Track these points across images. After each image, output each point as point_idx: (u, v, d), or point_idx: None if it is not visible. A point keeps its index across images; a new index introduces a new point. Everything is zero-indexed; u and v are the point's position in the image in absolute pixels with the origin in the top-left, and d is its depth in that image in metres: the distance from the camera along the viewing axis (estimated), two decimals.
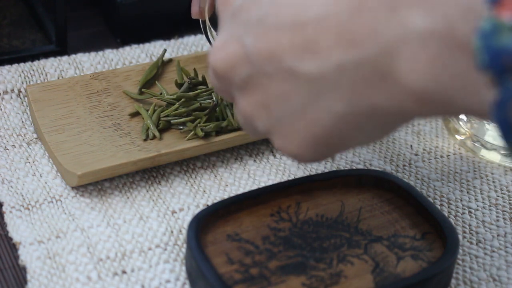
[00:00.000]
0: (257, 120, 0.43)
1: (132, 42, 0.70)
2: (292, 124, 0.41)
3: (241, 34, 0.41)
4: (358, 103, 0.39)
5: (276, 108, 0.41)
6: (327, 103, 0.39)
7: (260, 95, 0.42)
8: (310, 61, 0.39)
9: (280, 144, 0.43)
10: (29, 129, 0.61)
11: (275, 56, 0.40)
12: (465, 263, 0.53)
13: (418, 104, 0.37)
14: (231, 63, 0.42)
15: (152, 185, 0.57)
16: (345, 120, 0.40)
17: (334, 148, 0.42)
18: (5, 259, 0.52)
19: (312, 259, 0.49)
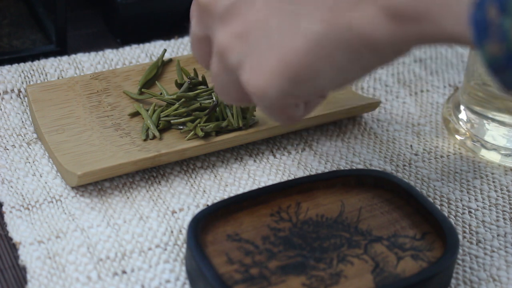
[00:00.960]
0: (231, 52, 0.42)
1: (132, 42, 0.70)
2: (265, 52, 0.40)
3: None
4: (337, 23, 0.38)
5: (253, 36, 0.41)
6: (305, 24, 0.39)
7: (239, 23, 0.41)
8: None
9: (248, 77, 0.41)
10: (29, 129, 0.61)
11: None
12: (465, 263, 0.53)
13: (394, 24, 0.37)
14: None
15: (152, 185, 0.57)
16: (319, 44, 0.39)
17: (303, 86, 0.41)
18: (5, 259, 0.52)
19: (312, 259, 0.49)
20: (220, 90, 0.45)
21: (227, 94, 0.45)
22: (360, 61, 0.40)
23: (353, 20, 0.38)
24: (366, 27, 0.38)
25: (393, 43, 0.38)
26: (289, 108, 0.44)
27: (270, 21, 0.40)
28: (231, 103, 0.46)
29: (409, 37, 0.38)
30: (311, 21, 0.39)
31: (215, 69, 0.44)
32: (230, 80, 0.44)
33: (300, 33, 0.39)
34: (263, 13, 0.40)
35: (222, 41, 0.42)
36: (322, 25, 0.39)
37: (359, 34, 0.38)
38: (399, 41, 0.38)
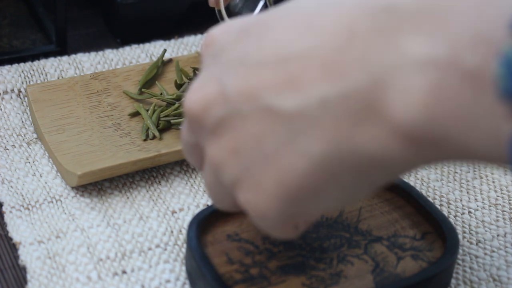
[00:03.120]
0: (225, 168, 0.38)
1: (132, 42, 0.70)
2: (262, 172, 0.37)
3: (220, 74, 0.38)
4: (339, 144, 0.34)
5: (247, 153, 0.37)
6: (305, 144, 0.35)
7: (231, 138, 0.38)
8: (291, 96, 0.35)
9: (245, 198, 0.38)
10: (29, 129, 0.61)
11: (253, 95, 0.36)
12: (465, 263, 0.53)
13: (407, 146, 0.33)
14: (206, 104, 0.38)
15: (152, 185, 0.57)
16: (322, 165, 0.35)
17: (304, 207, 0.38)
18: (5, 259, 0.52)
19: (312, 259, 0.49)
20: (214, 199, 0.42)
21: (221, 201, 0.42)
22: (367, 179, 0.36)
23: (358, 140, 0.34)
24: (375, 149, 0.33)
25: (408, 164, 0.34)
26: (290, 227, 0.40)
27: (265, 138, 0.36)
28: (226, 210, 0.43)
29: (427, 159, 0.34)
30: (310, 141, 0.35)
31: (208, 180, 0.41)
32: (224, 192, 0.40)
33: (299, 153, 0.35)
34: (257, 129, 0.36)
35: (215, 156, 0.39)
36: (323, 146, 0.35)
37: (366, 155, 0.34)
38: (415, 162, 0.34)
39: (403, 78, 0.32)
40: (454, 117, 0.31)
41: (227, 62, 0.38)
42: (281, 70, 0.36)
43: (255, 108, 0.36)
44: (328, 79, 0.34)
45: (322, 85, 0.34)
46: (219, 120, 0.38)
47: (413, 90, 0.31)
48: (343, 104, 0.34)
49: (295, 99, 0.35)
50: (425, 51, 0.31)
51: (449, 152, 0.33)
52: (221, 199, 0.42)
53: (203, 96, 0.38)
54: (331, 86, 0.34)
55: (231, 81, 0.37)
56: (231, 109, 0.37)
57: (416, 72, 0.31)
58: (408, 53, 0.32)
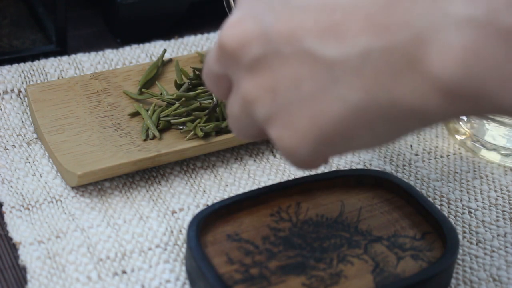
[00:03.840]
0: (259, 105, 0.40)
1: (132, 42, 0.70)
2: (297, 112, 0.38)
3: (261, 12, 0.39)
4: (378, 94, 0.36)
5: (284, 93, 0.38)
6: (343, 91, 0.37)
7: (269, 77, 0.39)
8: (334, 44, 0.36)
9: (278, 134, 0.40)
10: (29, 129, 0.61)
11: (295, 37, 0.37)
12: (465, 263, 0.53)
13: (445, 99, 0.34)
14: (245, 40, 0.39)
15: (152, 185, 0.57)
16: (358, 113, 0.37)
17: (335, 148, 0.39)
18: (5, 259, 0.52)
19: (312, 259, 0.49)
20: (236, 128, 0.43)
21: (244, 132, 0.43)
22: (401, 128, 0.38)
23: (398, 92, 0.35)
24: (413, 101, 0.35)
25: (443, 116, 0.36)
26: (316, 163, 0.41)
27: (304, 81, 0.38)
28: (245, 139, 0.45)
29: (462, 111, 0.35)
30: (349, 89, 0.36)
31: (235, 112, 0.42)
32: (250, 123, 0.42)
33: (336, 99, 0.37)
34: (296, 71, 0.38)
35: (250, 91, 0.40)
36: (362, 95, 0.36)
37: (404, 107, 0.36)
38: (450, 114, 0.36)
39: (444, 35, 0.34)
40: (490, 73, 0.33)
41: (269, 2, 0.39)
42: (325, 17, 0.37)
43: (296, 50, 0.37)
44: (372, 32, 0.35)
45: (366, 37, 0.36)
46: (257, 57, 0.39)
47: (453, 47, 0.33)
48: (385, 57, 0.35)
49: (338, 47, 0.36)
50: (465, 11, 0.33)
51: (482, 107, 0.34)
52: (244, 130, 0.43)
53: (242, 32, 0.39)
54: (375, 38, 0.35)
55: (273, 21, 0.38)
56: (270, 48, 0.38)
57: (456, 30, 0.33)
58: (450, 12, 0.34)
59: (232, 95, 0.42)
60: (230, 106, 0.43)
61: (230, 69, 0.41)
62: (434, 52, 0.34)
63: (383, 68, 0.36)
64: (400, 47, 0.35)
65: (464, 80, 0.33)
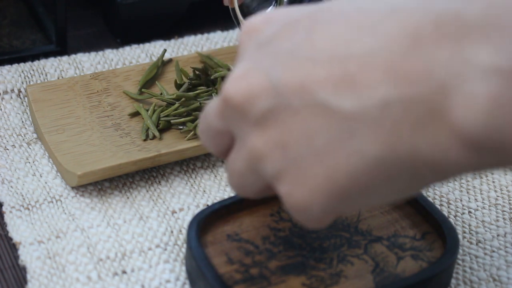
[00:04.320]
0: (268, 160, 0.38)
1: (132, 42, 0.70)
2: (310, 168, 0.37)
3: (267, 65, 0.37)
4: (398, 147, 0.34)
5: (295, 148, 0.37)
6: (361, 145, 0.35)
7: (279, 132, 0.37)
8: (350, 96, 0.35)
9: (288, 191, 0.38)
10: (29, 129, 0.61)
11: (306, 89, 0.36)
12: (465, 263, 0.53)
13: (469, 152, 0.33)
14: (252, 94, 0.37)
15: (152, 185, 0.57)
16: (377, 167, 0.35)
17: (350, 204, 0.37)
18: (5, 259, 0.52)
19: (312, 259, 0.49)
20: (239, 185, 0.42)
21: (247, 189, 0.42)
22: (420, 180, 0.36)
23: (419, 144, 0.34)
24: (436, 154, 0.34)
25: (466, 169, 0.34)
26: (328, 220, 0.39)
27: (317, 134, 0.36)
28: (247, 197, 0.43)
29: (486, 164, 0.34)
30: (367, 142, 0.35)
31: (238, 168, 0.40)
32: (255, 180, 0.40)
33: (354, 153, 0.35)
34: (308, 125, 0.36)
35: (257, 147, 0.38)
36: (381, 148, 0.34)
37: (425, 160, 0.34)
38: (474, 167, 0.34)
39: (468, 86, 0.32)
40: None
41: (275, 53, 0.38)
42: (338, 67, 0.35)
43: (308, 103, 0.36)
44: (391, 82, 0.34)
45: (384, 87, 0.34)
46: (266, 111, 0.37)
47: (477, 97, 0.32)
48: (406, 108, 0.34)
49: (354, 99, 0.35)
50: (491, 60, 0.32)
51: (507, 159, 0.33)
52: (248, 187, 0.41)
53: (248, 86, 0.38)
54: (395, 89, 0.34)
55: (281, 73, 0.37)
56: (280, 102, 0.37)
57: (481, 80, 0.32)
58: (474, 60, 0.32)
59: (234, 152, 0.41)
60: (232, 163, 0.41)
61: (234, 124, 0.39)
62: (458, 102, 0.33)
63: (403, 120, 0.34)
64: (422, 97, 0.33)
65: (490, 131, 0.32)
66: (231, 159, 0.41)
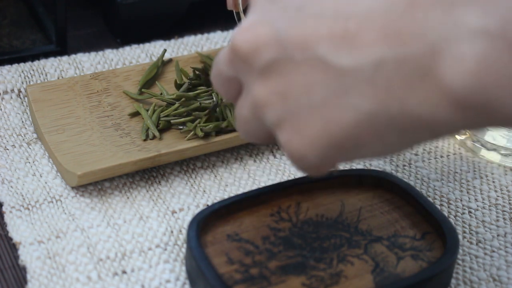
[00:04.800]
0: (270, 109, 0.40)
1: (132, 42, 0.70)
2: (308, 118, 0.39)
3: (274, 18, 0.39)
4: (389, 104, 0.36)
5: (295, 98, 0.39)
6: (355, 100, 0.37)
7: (281, 82, 0.39)
8: (347, 53, 0.37)
9: (287, 138, 0.40)
10: (29, 129, 0.61)
11: (308, 44, 0.38)
12: (465, 263, 0.53)
13: (456, 111, 0.35)
14: (258, 44, 0.39)
15: (152, 185, 0.57)
16: (369, 122, 0.37)
17: (344, 155, 0.39)
18: (5, 259, 0.52)
19: (312, 259, 0.49)
20: (244, 130, 0.44)
21: (252, 135, 0.44)
22: (411, 138, 0.38)
23: (409, 102, 0.36)
24: (424, 112, 0.36)
25: (453, 127, 0.36)
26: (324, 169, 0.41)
27: (315, 87, 0.38)
28: (253, 141, 0.45)
29: (473, 123, 0.36)
30: (361, 97, 0.37)
31: (244, 114, 0.42)
32: (259, 126, 0.42)
33: (348, 107, 0.37)
34: (307, 78, 0.38)
35: (260, 95, 0.40)
36: (373, 104, 0.37)
37: (415, 117, 0.36)
38: (461, 126, 0.36)
39: (457, 47, 0.34)
40: (502, 85, 0.33)
41: (283, 8, 0.39)
42: (339, 25, 0.37)
43: (309, 57, 0.38)
44: (386, 42, 0.36)
45: (380, 47, 0.36)
46: (270, 62, 0.39)
47: (465, 59, 0.34)
48: (399, 67, 0.36)
49: (351, 56, 0.37)
50: (479, 22, 0.34)
51: (493, 118, 0.35)
52: (252, 133, 0.43)
53: (255, 36, 0.40)
54: (389, 49, 0.36)
55: (287, 27, 0.39)
56: (283, 54, 0.39)
57: (469, 42, 0.34)
58: (463, 23, 0.34)
59: (241, 98, 0.43)
60: (239, 108, 0.43)
61: (241, 72, 0.41)
62: (447, 63, 0.34)
63: (395, 78, 0.36)
64: (414, 57, 0.35)
65: (476, 91, 0.34)
66: (239, 105, 0.43)
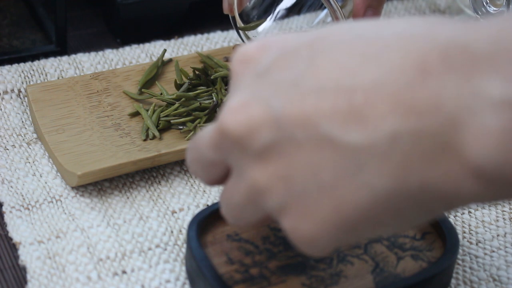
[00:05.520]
0: (271, 194, 0.37)
1: (132, 42, 0.70)
2: (316, 201, 0.36)
3: (268, 95, 0.36)
4: (407, 179, 0.34)
5: (300, 181, 0.36)
6: (369, 178, 0.34)
7: (282, 165, 0.36)
8: (356, 129, 0.34)
9: (293, 225, 0.37)
10: (29, 129, 0.61)
11: (310, 121, 0.35)
12: (465, 263, 0.53)
13: (480, 185, 0.33)
14: (253, 127, 0.36)
15: (152, 185, 0.57)
16: (386, 200, 0.35)
17: (357, 236, 0.37)
18: (5, 259, 0.52)
19: (312, 259, 0.49)
20: (235, 216, 0.41)
21: (244, 220, 0.41)
22: (429, 211, 0.36)
23: (429, 177, 0.33)
24: (447, 186, 0.33)
25: (477, 200, 0.34)
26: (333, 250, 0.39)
27: (323, 168, 0.35)
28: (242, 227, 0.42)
29: (498, 196, 0.34)
30: (376, 175, 0.34)
31: (236, 200, 0.39)
32: (255, 212, 0.39)
33: (362, 186, 0.34)
34: (313, 158, 0.35)
35: (259, 180, 0.37)
36: (390, 181, 0.34)
37: (436, 192, 0.34)
38: (485, 199, 0.34)
39: (479, 119, 0.32)
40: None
41: (275, 84, 0.37)
42: (343, 99, 0.34)
43: (312, 136, 0.35)
44: (399, 114, 0.33)
45: (393, 119, 0.33)
46: (267, 145, 0.36)
47: (490, 131, 0.32)
48: (415, 141, 0.33)
49: (361, 132, 0.34)
50: (500, 92, 0.31)
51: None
52: (245, 219, 0.40)
53: (248, 117, 0.36)
54: (403, 121, 0.33)
55: (282, 105, 0.36)
56: (282, 135, 0.36)
57: (492, 113, 0.31)
58: (483, 93, 0.32)
59: (230, 183, 0.40)
60: (228, 193, 0.40)
61: (231, 157, 0.38)
62: (470, 136, 0.32)
63: (413, 153, 0.33)
64: (431, 130, 0.33)
65: (503, 165, 0.32)
66: (227, 191, 0.40)
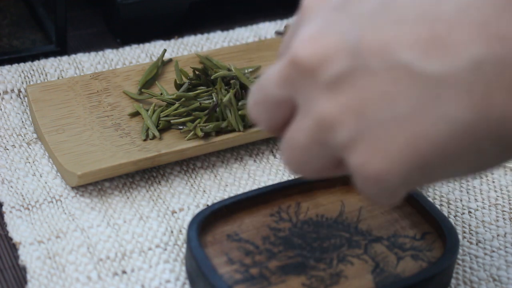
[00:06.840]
0: (341, 127, 0.35)
1: (132, 42, 0.70)
2: (389, 134, 0.34)
3: (345, 26, 0.35)
4: (488, 111, 0.32)
5: (373, 113, 0.34)
6: (448, 110, 0.33)
7: (354, 96, 0.34)
8: (436, 57, 0.33)
9: (363, 160, 0.35)
10: (29, 129, 0.61)
11: (388, 50, 0.33)
12: (465, 263, 0.53)
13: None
14: (327, 55, 0.35)
15: (152, 185, 0.57)
16: (465, 133, 0.33)
17: (432, 174, 0.35)
18: (5, 259, 0.52)
19: (312, 259, 0.49)
20: (300, 161, 0.38)
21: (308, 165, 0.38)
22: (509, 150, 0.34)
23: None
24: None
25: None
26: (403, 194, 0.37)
27: (398, 98, 0.33)
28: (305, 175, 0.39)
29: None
30: (456, 106, 0.32)
31: (302, 141, 0.37)
32: (321, 152, 0.37)
33: (440, 118, 0.33)
34: (388, 88, 0.34)
35: (329, 113, 0.35)
36: (471, 113, 0.32)
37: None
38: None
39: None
40: None
41: (352, 15, 0.35)
42: (425, 28, 0.33)
43: (389, 65, 0.34)
44: (483, 42, 0.32)
45: (476, 46, 0.32)
46: (341, 74, 0.35)
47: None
48: (499, 70, 0.32)
49: (442, 61, 0.33)
50: None
51: None
52: (309, 163, 0.38)
53: (323, 46, 0.35)
54: (487, 48, 0.32)
55: (360, 34, 0.34)
56: (357, 64, 0.34)
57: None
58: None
59: (297, 122, 0.37)
60: (294, 135, 0.37)
61: (300, 91, 0.36)
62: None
63: (496, 82, 0.32)
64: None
65: None
66: (292, 132, 0.38)
